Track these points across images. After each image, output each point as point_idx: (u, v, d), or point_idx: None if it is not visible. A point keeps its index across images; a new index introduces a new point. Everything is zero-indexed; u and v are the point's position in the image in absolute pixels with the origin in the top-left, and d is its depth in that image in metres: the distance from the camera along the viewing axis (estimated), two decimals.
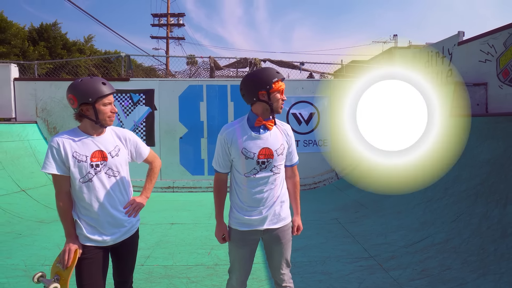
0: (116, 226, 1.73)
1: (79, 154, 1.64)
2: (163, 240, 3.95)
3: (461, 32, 5.87)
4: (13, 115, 7.21)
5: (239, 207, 1.81)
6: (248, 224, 1.79)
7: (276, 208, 1.81)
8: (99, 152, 1.69)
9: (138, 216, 1.89)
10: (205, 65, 8.60)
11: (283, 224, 1.83)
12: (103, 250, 1.72)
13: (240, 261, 1.83)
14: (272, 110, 1.77)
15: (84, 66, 10.78)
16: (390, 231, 3.87)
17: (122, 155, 1.78)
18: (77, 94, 1.63)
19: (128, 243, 1.82)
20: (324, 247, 3.66)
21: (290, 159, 1.91)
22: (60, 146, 1.62)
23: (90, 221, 1.68)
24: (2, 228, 4.17)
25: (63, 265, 1.61)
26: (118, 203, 1.75)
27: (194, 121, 7.24)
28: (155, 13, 20.19)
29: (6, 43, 15.09)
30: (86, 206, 1.67)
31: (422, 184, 4.42)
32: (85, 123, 1.70)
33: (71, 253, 1.62)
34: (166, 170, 7.11)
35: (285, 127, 1.89)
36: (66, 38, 18.70)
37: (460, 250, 3.05)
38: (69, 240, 1.65)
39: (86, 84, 1.65)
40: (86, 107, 1.65)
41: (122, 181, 1.77)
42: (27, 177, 5.76)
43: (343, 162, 7.25)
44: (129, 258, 1.87)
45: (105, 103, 1.67)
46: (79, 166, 1.64)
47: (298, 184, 1.99)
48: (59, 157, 1.62)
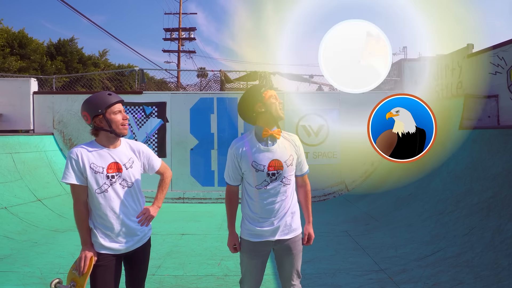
0: (129, 235, 1.80)
1: (96, 166, 1.73)
2: (173, 250, 4.00)
3: (470, 45, 5.89)
4: (31, 127, 7.49)
5: (251, 218, 1.84)
6: (260, 235, 1.82)
7: (287, 219, 1.83)
8: (115, 164, 1.78)
9: (150, 226, 1.96)
10: (215, 78, 8.80)
11: (294, 234, 1.86)
12: (116, 258, 1.79)
13: (252, 272, 1.86)
14: (274, 117, 1.82)
15: (99, 80, 11.13)
16: (401, 244, 3.83)
17: (136, 167, 1.86)
18: (88, 109, 1.75)
19: (140, 252, 1.88)
20: (333, 259, 3.64)
21: (300, 168, 1.94)
22: (78, 157, 1.72)
23: (105, 229, 1.75)
24: (19, 237, 4.30)
25: (79, 271, 1.68)
26: (132, 212, 1.82)
27: (204, 133, 7.37)
28: (167, 28, 20.75)
29: (26, 58, 15.73)
30: (101, 215, 1.75)
31: (432, 196, 4.38)
32: (101, 137, 1.79)
33: (86, 260, 1.68)
34: (176, 181, 7.21)
35: (292, 137, 1.91)
36: (82, 53, 19.39)
37: (472, 265, 3.00)
38: (85, 247, 1.72)
39: (94, 99, 1.77)
40: (99, 119, 1.75)
41: (135, 191, 1.85)
42: (43, 187, 5.93)
43: (353, 174, 7.22)
44: (142, 267, 1.93)
45: (114, 111, 1.77)
46: (95, 177, 1.72)
47: (309, 193, 2.00)
48: (77, 168, 1.71)
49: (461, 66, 6.05)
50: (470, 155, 4.43)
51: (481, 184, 3.88)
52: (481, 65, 5.63)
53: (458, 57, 6.12)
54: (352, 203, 6.32)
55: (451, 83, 6.33)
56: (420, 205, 4.58)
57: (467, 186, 4.06)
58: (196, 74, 10.96)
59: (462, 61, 6.02)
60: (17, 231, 4.46)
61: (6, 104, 7.53)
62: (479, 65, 5.67)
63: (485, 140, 4.29)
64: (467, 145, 4.61)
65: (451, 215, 3.90)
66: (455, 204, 3.99)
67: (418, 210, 4.48)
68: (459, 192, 4.11)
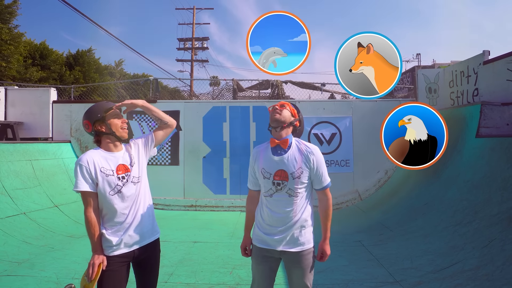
0: (141, 229, 1.87)
1: (106, 169, 1.80)
2: (186, 258, 4.01)
3: (486, 51, 5.78)
4: (50, 135, 7.74)
5: (260, 225, 1.89)
6: (265, 242, 1.85)
7: (295, 232, 1.81)
8: (122, 165, 1.86)
9: (158, 228, 2.01)
10: (228, 86, 8.90)
11: (301, 249, 1.82)
12: (126, 263, 1.83)
13: (260, 277, 1.88)
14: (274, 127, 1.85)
15: (114, 89, 11.44)
16: (417, 255, 3.73)
17: (140, 160, 1.95)
18: (88, 117, 1.86)
19: (151, 257, 1.93)
20: (347, 270, 3.58)
21: (318, 182, 1.88)
22: (89, 163, 1.78)
23: (118, 229, 1.81)
24: (36, 242, 4.41)
25: (88, 278, 1.73)
26: (143, 206, 1.90)
27: (217, 141, 7.43)
28: (180, 38, 21.20)
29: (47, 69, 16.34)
30: (114, 217, 1.80)
31: (449, 206, 4.27)
32: (104, 143, 1.88)
33: (95, 266, 1.73)
34: (189, 188, 7.27)
35: (310, 150, 1.85)
36: (99, 63, 20.00)
37: (493, 278, 2.89)
38: (95, 254, 1.76)
39: (93, 107, 1.89)
40: (100, 125, 1.85)
41: (145, 184, 1.96)
42: (60, 193, 6.09)
43: (366, 183, 7.12)
44: (152, 272, 1.96)
45: (113, 115, 1.87)
46: (107, 180, 1.79)
47: (328, 209, 1.91)
48: (88, 175, 1.77)
49: (477, 72, 5.94)
50: (488, 164, 4.31)
51: (501, 194, 3.76)
52: (498, 71, 5.51)
53: (474, 63, 6.01)
54: (365, 213, 6.21)
55: (467, 90, 6.20)
56: (436, 215, 4.47)
57: (486, 196, 3.94)
58: (209, 83, 11.12)
59: (478, 67, 5.91)
60: (35, 236, 4.58)
61: (27, 113, 7.84)
62: (496, 71, 5.55)
63: (503, 148, 4.17)
64: (484, 154, 4.49)
65: (469, 226, 3.78)
66: (473, 215, 3.88)
67: (434, 220, 4.36)
68: (477, 202, 3.99)
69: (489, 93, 5.64)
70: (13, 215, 4.84)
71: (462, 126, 5.36)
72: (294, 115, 1.91)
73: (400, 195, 5.97)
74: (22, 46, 14.52)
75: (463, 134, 5.27)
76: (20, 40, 14.37)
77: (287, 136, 1.86)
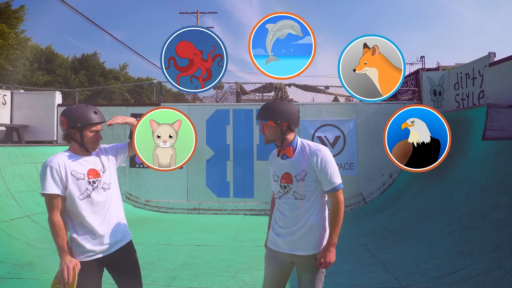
0: (112, 235, 1.83)
1: (77, 172, 1.76)
2: (189, 261, 3.99)
3: (491, 53, 5.72)
4: (54, 138, 7.79)
5: (273, 226, 1.92)
6: (276, 244, 1.86)
7: (303, 235, 1.79)
8: (93, 170, 1.83)
9: (129, 232, 1.99)
10: (231, 90, 8.91)
11: (310, 253, 1.79)
12: (98, 264, 1.78)
13: (270, 279, 1.89)
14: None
15: (119, 92, 11.52)
16: (423, 259, 3.67)
17: (112, 166, 1.95)
18: (68, 118, 1.77)
19: (126, 258, 1.90)
20: (352, 274, 3.53)
21: (326, 184, 1.77)
22: (60, 166, 1.72)
23: (88, 234, 1.76)
24: (40, 244, 4.42)
25: (64, 283, 1.60)
26: (113, 212, 1.87)
27: (220, 144, 7.42)
28: None
29: (52, 72, 16.51)
30: (85, 221, 1.75)
31: (455, 209, 4.20)
32: (73, 145, 1.83)
33: (70, 270, 1.63)
34: (192, 191, 7.26)
35: (316, 152, 1.78)
36: (103, 67, 20.18)
37: (502, 284, 2.83)
38: (65, 257, 1.67)
39: (79, 111, 1.78)
40: (74, 131, 1.78)
41: (115, 191, 1.92)
42: None
43: (370, 186, 7.06)
44: (132, 277, 1.91)
45: (92, 130, 1.81)
46: (78, 183, 1.74)
47: (336, 213, 1.77)
48: (58, 177, 1.70)
49: (482, 74, 5.88)
50: (495, 167, 4.24)
51: (509, 198, 3.69)
52: (504, 73, 5.45)
53: (479, 65, 5.96)
54: (370, 216, 6.14)
55: (472, 92, 6.14)
56: (442, 219, 4.40)
57: (493, 200, 3.87)
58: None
59: (483, 69, 5.85)
60: (39, 239, 4.59)
61: (32, 116, 7.90)
62: (502, 73, 5.49)
63: (511, 151, 4.10)
64: (491, 157, 4.43)
65: (476, 230, 3.72)
66: (480, 219, 3.81)
67: (440, 224, 4.30)
68: (484, 206, 3.93)
69: (495, 95, 5.58)
70: (18, 217, 4.85)
71: (468, 128, 5.29)
72: (274, 123, 1.78)
73: (405, 199, 5.91)
74: (28, 50, 14.70)
75: (469, 136, 5.20)
76: (27, 44, 14.55)
77: (290, 144, 1.84)
